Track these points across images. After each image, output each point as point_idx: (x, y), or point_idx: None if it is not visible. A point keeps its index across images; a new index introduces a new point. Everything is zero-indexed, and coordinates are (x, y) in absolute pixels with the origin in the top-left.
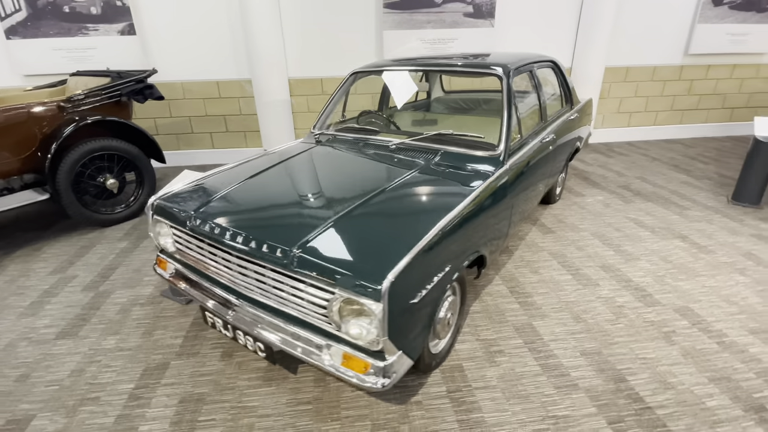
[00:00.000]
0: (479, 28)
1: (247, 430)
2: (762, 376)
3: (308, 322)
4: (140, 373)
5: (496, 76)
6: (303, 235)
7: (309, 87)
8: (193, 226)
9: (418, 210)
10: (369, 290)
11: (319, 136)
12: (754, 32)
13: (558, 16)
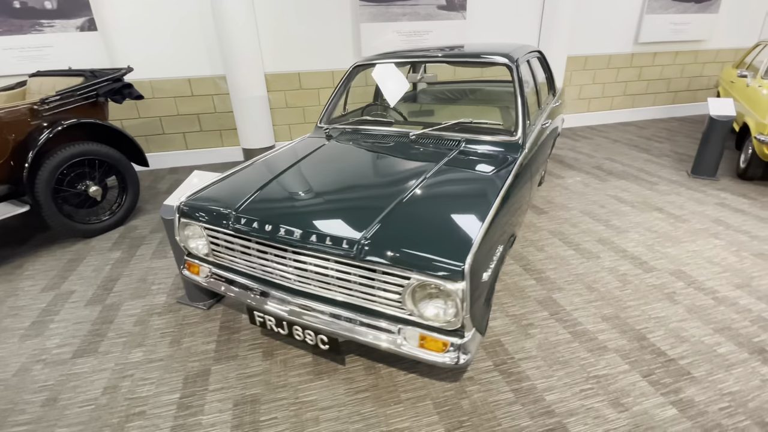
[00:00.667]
0: (452, 20)
1: (313, 424)
2: (756, 323)
3: (375, 310)
4: (182, 382)
5: (505, 66)
6: (365, 225)
7: (286, 82)
8: (237, 226)
9: (467, 194)
10: (451, 271)
11: (330, 130)
12: (693, 21)
13: (523, 9)
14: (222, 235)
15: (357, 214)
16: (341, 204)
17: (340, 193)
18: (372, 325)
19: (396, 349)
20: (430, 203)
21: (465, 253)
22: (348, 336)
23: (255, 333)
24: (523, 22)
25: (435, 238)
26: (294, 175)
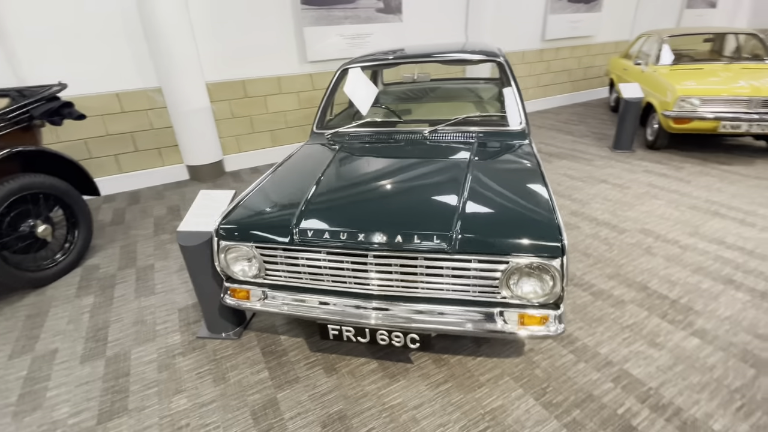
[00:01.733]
0: (390, 23)
1: (414, 424)
2: (717, 261)
3: (466, 299)
4: (251, 418)
5: (497, 63)
6: (448, 219)
7: (231, 91)
8: (303, 239)
9: (517, 179)
10: (551, 249)
11: (332, 136)
12: (585, 20)
13: (451, 11)
14: (281, 251)
15: (430, 211)
16: (405, 203)
17: (396, 194)
18: (466, 314)
19: (498, 332)
20: (492, 192)
21: (558, 231)
22: (443, 329)
23: (304, 351)
24: (452, 23)
25: (521, 222)
26: (334, 181)
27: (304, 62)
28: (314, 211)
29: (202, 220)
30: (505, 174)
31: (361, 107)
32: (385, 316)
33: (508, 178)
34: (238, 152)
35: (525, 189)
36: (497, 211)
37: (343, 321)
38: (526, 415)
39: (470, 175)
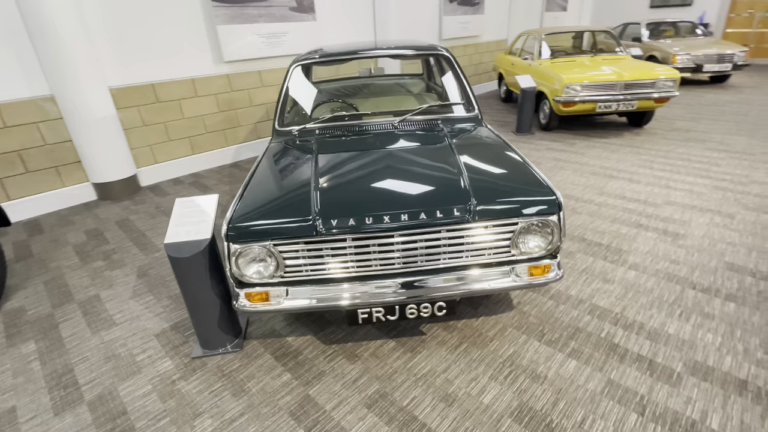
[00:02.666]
0: (305, 21)
1: (448, 385)
2: (625, 211)
3: (482, 263)
4: (292, 419)
5: (443, 57)
6: (462, 193)
7: (139, 96)
8: (329, 229)
9: (498, 153)
10: (550, 206)
11: (300, 132)
12: (473, 21)
13: (359, 12)
14: (302, 245)
15: (442, 188)
16: (415, 184)
17: (402, 177)
18: (485, 276)
19: (513, 286)
20: (485, 166)
21: (552, 190)
22: (465, 293)
23: (318, 346)
24: (362, 24)
25: (522, 188)
26: (334, 172)
27: (221, 62)
28: (330, 201)
29: (191, 228)
30: (486, 151)
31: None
32: (414, 290)
33: (490, 154)
34: (154, 163)
35: (509, 161)
36: (499, 182)
37: (372, 303)
38: (536, 355)
39: (458, 155)
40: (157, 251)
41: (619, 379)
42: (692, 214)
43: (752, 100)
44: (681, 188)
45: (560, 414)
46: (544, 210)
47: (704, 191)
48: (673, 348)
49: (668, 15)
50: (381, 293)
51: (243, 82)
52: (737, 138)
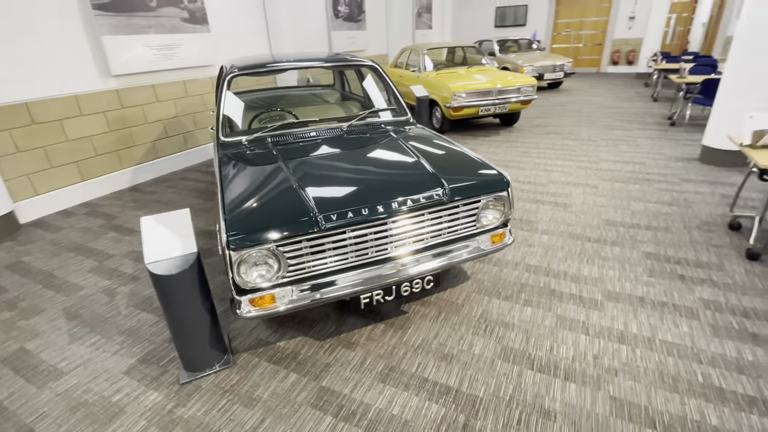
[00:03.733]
0: (198, 33)
1: (443, 347)
2: (522, 191)
3: (454, 238)
4: (316, 410)
5: (370, 68)
6: (435, 179)
7: (10, 117)
8: (330, 224)
9: (443, 146)
10: (502, 184)
11: (250, 142)
12: (358, 36)
13: (253, 25)
14: (306, 242)
15: (416, 177)
16: (387, 177)
17: (372, 172)
18: (460, 248)
19: (481, 253)
20: (441, 157)
21: (501, 172)
22: (448, 265)
23: (313, 343)
24: (258, 36)
25: (477, 171)
26: (310, 173)
27: (108, 76)
28: (323, 198)
29: (172, 244)
30: (433, 145)
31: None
32: (407, 270)
33: (438, 147)
34: (34, 196)
35: (455, 152)
36: (457, 168)
37: (373, 287)
38: (500, 309)
39: (414, 150)
40: (81, 290)
41: (563, 313)
42: (570, 188)
43: (582, 100)
44: (556, 170)
45: (533, 347)
46: (498, 188)
47: (572, 170)
48: (590, 284)
49: (509, 33)
50: (380, 276)
51: (136, 98)
52: (581, 129)
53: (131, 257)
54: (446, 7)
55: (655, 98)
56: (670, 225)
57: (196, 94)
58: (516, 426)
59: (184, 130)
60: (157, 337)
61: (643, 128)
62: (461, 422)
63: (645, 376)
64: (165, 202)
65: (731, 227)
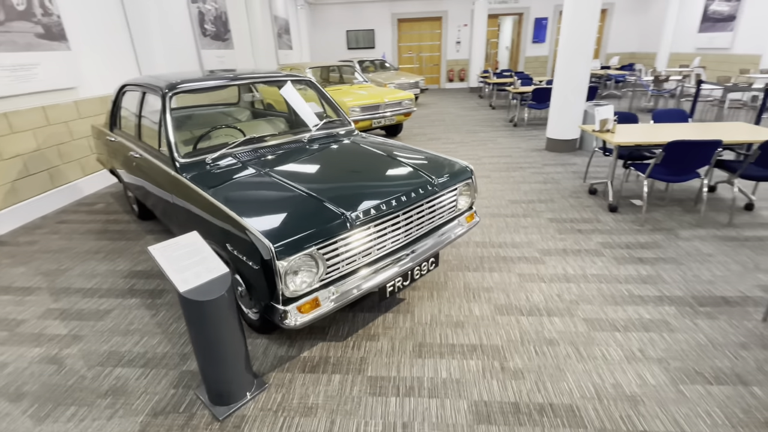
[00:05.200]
0: (57, 51)
1: (450, 318)
2: None
3: (442, 222)
4: (377, 398)
5: (309, 83)
6: (420, 175)
7: None
8: (359, 222)
9: (401, 147)
10: (468, 174)
11: (215, 159)
12: (227, 55)
13: (117, 42)
14: (341, 241)
15: (405, 174)
16: (382, 176)
17: (365, 174)
18: (449, 230)
19: (461, 232)
20: (410, 156)
21: (465, 164)
22: (442, 246)
23: (335, 344)
24: (122, 54)
25: (447, 165)
26: (308, 178)
27: None
28: (341, 200)
29: (198, 269)
30: (393, 148)
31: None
32: (416, 255)
33: (401, 149)
34: None
35: (418, 150)
36: (432, 164)
37: (395, 275)
38: (475, 279)
39: (386, 153)
40: (5, 366)
41: (521, 271)
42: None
43: (439, 111)
44: None
45: (515, 300)
46: (466, 176)
47: None
48: (526, 247)
49: (361, 54)
50: (399, 264)
51: None
52: (452, 134)
53: (53, 316)
54: (302, 29)
55: (492, 107)
56: (552, 197)
57: (60, 122)
58: (536, 357)
59: (49, 165)
60: (156, 387)
61: (496, 130)
62: (498, 367)
63: (594, 299)
64: (56, 250)
65: (591, 192)
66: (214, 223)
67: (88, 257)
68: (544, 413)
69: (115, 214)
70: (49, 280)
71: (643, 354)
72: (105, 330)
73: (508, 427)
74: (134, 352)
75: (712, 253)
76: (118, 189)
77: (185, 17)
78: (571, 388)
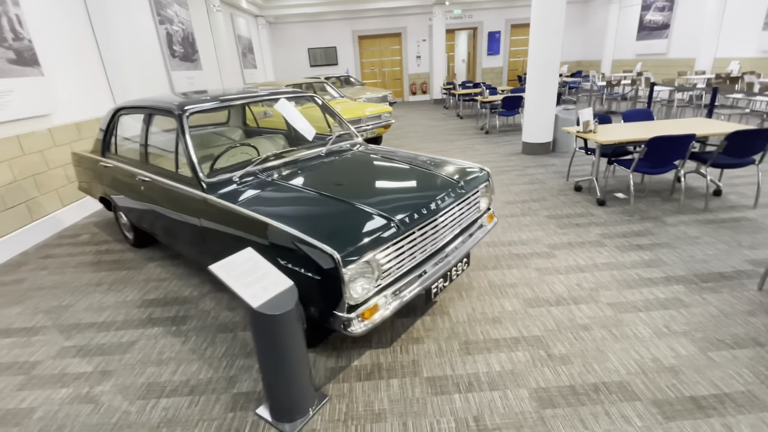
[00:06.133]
0: (30, 77)
1: (485, 315)
2: None
3: (469, 223)
4: (440, 396)
5: (313, 99)
6: (446, 180)
7: None
8: (406, 226)
9: (419, 156)
10: (487, 176)
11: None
12: (197, 76)
13: (89, 66)
14: (391, 246)
15: (431, 179)
16: (411, 183)
17: (395, 181)
18: (472, 230)
19: (488, 230)
20: (429, 162)
21: (482, 167)
22: (472, 245)
23: (384, 352)
24: (93, 78)
25: (466, 169)
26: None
27: None
28: (384, 207)
29: (263, 284)
30: (406, 156)
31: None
32: (453, 256)
33: (411, 157)
34: None
35: (427, 157)
36: (452, 169)
37: (437, 277)
38: (497, 276)
39: (401, 161)
40: (33, 412)
41: (536, 266)
42: None
43: (410, 123)
44: None
45: (540, 292)
46: (485, 179)
47: None
48: (534, 243)
49: (324, 71)
50: (441, 265)
51: None
52: (430, 144)
53: (71, 354)
54: (264, 48)
55: (460, 116)
56: (543, 196)
57: (35, 151)
58: (576, 342)
59: (27, 197)
60: (211, 413)
61: (470, 138)
62: (545, 354)
63: (611, 285)
64: (51, 286)
65: (576, 189)
66: (256, 240)
67: (90, 290)
68: (600, 392)
69: (105, 244)
70: (53, 317)
71: (669, 329)
72: (134, 362)
73: (572, 409)
74: (175, 381)
75: (698, 236)
76: (100, 218)
77: (154, 39)
78: (616, 366)
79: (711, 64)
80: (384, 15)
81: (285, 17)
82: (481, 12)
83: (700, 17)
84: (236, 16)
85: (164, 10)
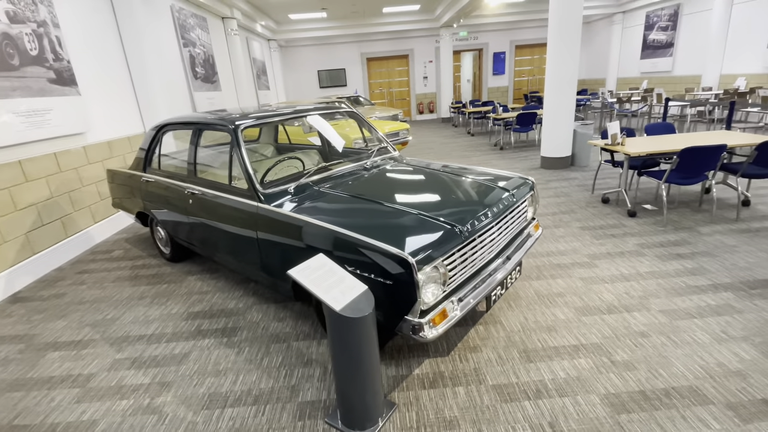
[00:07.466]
0: (68, 96)
1: (538, 323)
2: None
3: (519, 230)
4: (508, 403)
5: (350, 114)
6: (496, 188)
7: None
8: (471, 233)
9: (459, 167)
10: (531, 185)
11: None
12: (216, 97)
13: (120, 87)
14: (457, 252)
15: (483, 187)
16: (464, 190)
17: (446, 190)
18: (522, 239)
19: (536, 238)
20: (472, 172)
21: (527, 177)
22: (524, 254)
23: (443, 361)
24: (125, 99)
25: (510, 179)
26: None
27: None
28: (445, 216)
29: (341, 287)
30: (449, 167)
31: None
32: (508, 264)
33: (454, 167)
34: None
35: (469, 168)
36: (498, 178)
37: (496, 284)
38: (543, 286)
39: (450, 172)
40: (95, 425)
41: (581, 275)
42: None
43: (423, 141)
44: None
45: (590, 301)
46: (530, 188)
47: None
48: (574, 254)
49: (333, 92)
50: (498, 272)
51: (4, 175)
52: (447, 160)
53: (125, 366)
54: (276, 70)
55: (471, 134)
56: (571, 208)
57: (71, 168)
58: (636, 348)
59: (62, 213)
60: (280, 422)
61: (485, 154)
62: (607, 361)
63: (659, 293)
64: (93, 300)
65: (604, 201)
66: (320, 248)
67: (133, 304)
68: (671, 396)
69: (140, 259)
70: (101, 330)
71: (727, 334)
72: (191, 373)
73: (647, 413)
74: (237, 390)
75: (736, 245)
76: (131, 234)
77: (178, 61)
78: (682, 371)
79: (717, 81)
80: (392, 38)
81: (296, 41)
82: (486, 34)
83: (705, 35)
84: (251, 40)
85: (188, 34)
